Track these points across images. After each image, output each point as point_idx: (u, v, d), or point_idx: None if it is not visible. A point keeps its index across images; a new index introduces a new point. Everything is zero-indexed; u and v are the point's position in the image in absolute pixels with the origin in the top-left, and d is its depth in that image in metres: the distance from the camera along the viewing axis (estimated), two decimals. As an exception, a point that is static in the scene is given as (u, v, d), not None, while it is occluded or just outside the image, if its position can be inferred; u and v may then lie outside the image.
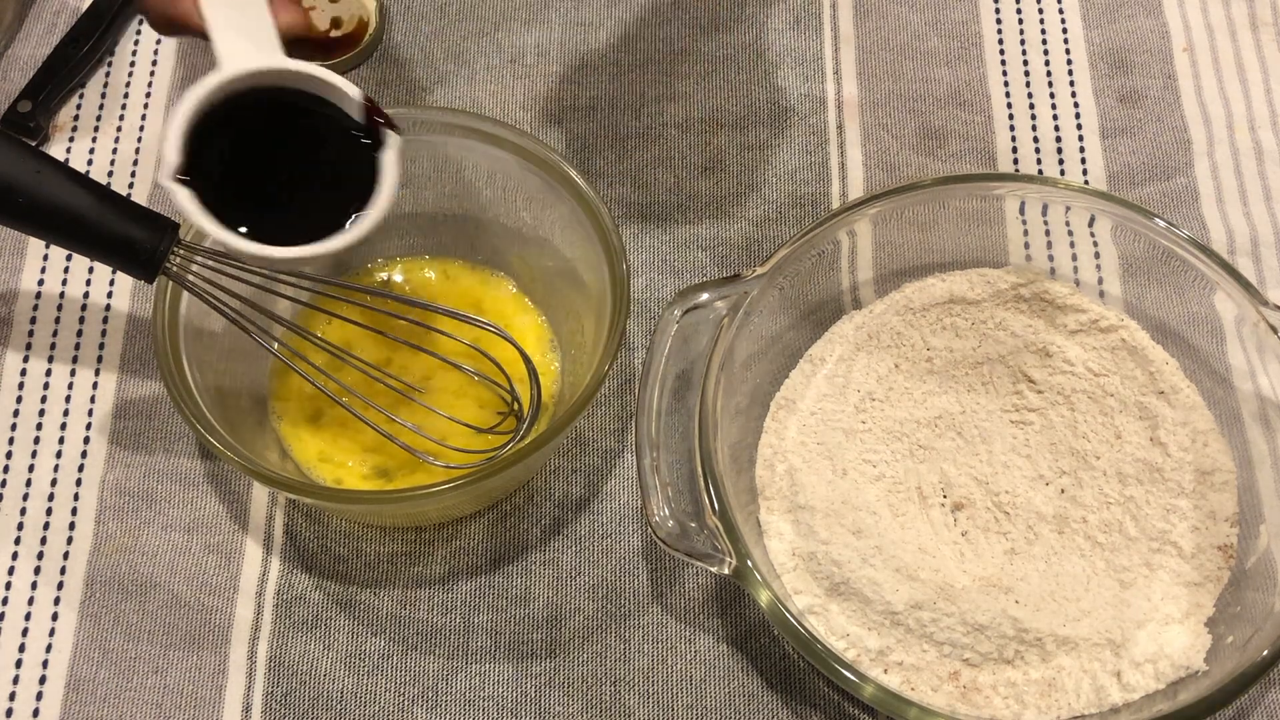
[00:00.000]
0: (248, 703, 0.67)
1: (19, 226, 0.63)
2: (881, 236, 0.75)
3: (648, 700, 0.67)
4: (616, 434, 0.73)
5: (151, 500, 0.71)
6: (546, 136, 0.81)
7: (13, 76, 0.83)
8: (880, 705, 0.61)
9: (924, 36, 0.85)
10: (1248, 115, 0.82)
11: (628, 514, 0.71)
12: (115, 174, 0.81)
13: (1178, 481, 0.68)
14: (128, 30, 0.86)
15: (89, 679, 0.67)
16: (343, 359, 0.69)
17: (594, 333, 0.69)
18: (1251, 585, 0.66)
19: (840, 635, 0.65)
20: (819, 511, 0.67)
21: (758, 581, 0.62)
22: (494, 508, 0.71)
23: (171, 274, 0.65)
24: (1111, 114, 0.83)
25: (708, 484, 0.64)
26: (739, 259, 0.78)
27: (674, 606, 0.69)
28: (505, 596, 0.69)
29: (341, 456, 0.70)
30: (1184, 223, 0.78)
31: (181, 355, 0.66)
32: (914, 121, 0.82)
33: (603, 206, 0.69)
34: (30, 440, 0.73)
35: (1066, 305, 0.73)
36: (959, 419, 0.72)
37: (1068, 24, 0.86)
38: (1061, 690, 0.64)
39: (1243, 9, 0.86)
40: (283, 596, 0.69)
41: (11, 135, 0.65)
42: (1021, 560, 0.68)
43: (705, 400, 0.66)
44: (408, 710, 0.67)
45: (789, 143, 0.81)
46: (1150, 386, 0.71)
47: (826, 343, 0.73)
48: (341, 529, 0.71)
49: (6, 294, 0.77)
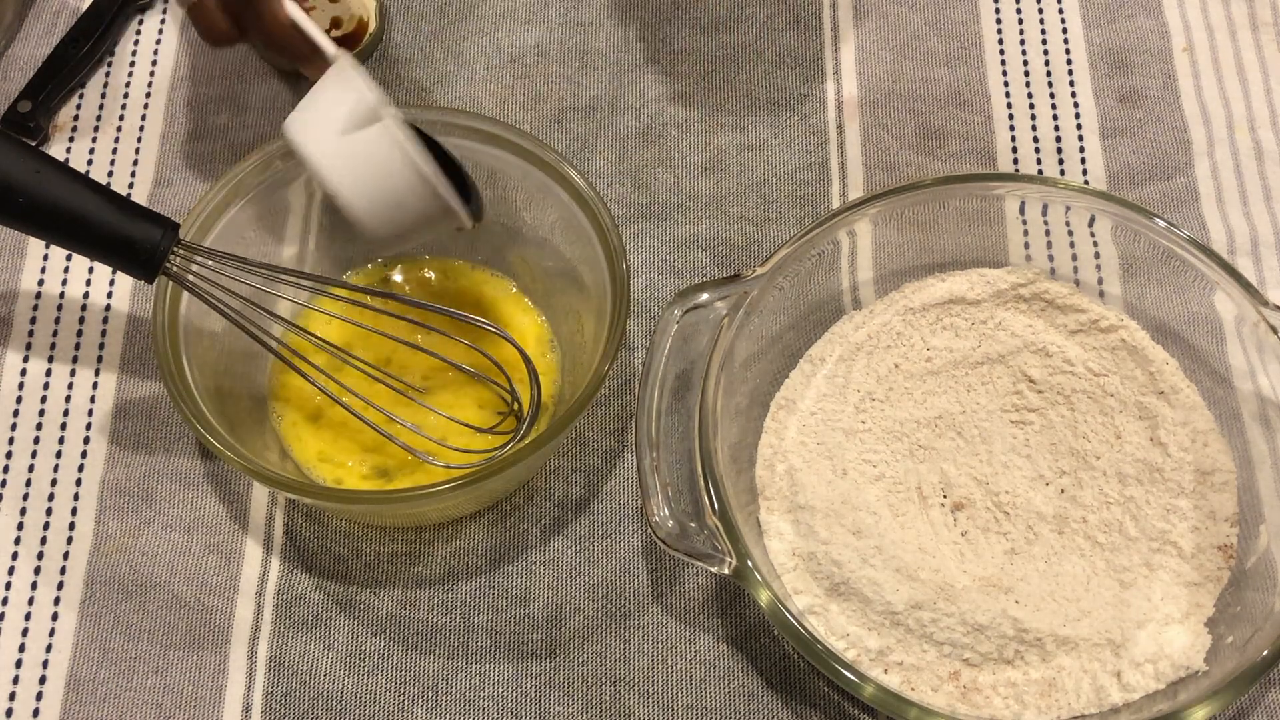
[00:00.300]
0: (248, 703, 0.67)
1: (19, 226, 0.63)
2: (881, 236, 0.75)
3: (648, 700, 0.67)
4: (616, 434, 0.73)
5: (151, 500, 0.71)
6: (546, 136, 0.81)
7: (13, 76, 0.83)
8: (880, 705, 0.61)
9: (924, 36, 0.85)
10: (1248, 115, 0.82)
11: (628, 514, 0.71)
12: (115, 174, 0.81)
13: (1178, 481, 0.68)
14: (128, 30, 0.86)
15: (89, 679, 0.67)
16: (343, 359, 0.69)
17: (594, 333, 0.69)
18: (1251, 585, 0.66)
19: (840, 635, 0.65)
20: (819, 511, 0.67)
21: (758, 581, 0.62)
22: (494, 508, 0.71)
23: (171, 274, 0.65)
24: (1111, 114, 0.82)
25: (708, 484, 0.64)
26: (739, 259, 0.78)
27: (674, 606, 0.69)
28: (505, 596, 0.69)
29: (341, 456, 0.70)
30: (1184, 223, 0.78)
31: (181, 355, 0.66)
32: (914, 121, 0.82)
33: (603, 206, 0.69)
34: (30, 440, 0.73)
35: (1066, 305, 0.73)
36: (959, 419, 0.72)
37: (1068, 24, 0.86)
38: (1061, 690, 0.64)
39: (1243, 9, 0.86)
40: (283, 596, 0.69)
41: (11, 135, 0.65)
42: (1021, 560, 0.68)
43: (705, 400, 0.66)
44: (408, 710, 0.67)
45: (789, 143, 0.81)
46: (1150, 386, 0.71)
47: (826, 343, 0.73)
48: (341, 529, 0.71)
49: (6, 294, 0.77)
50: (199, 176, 0.80)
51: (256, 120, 0.82)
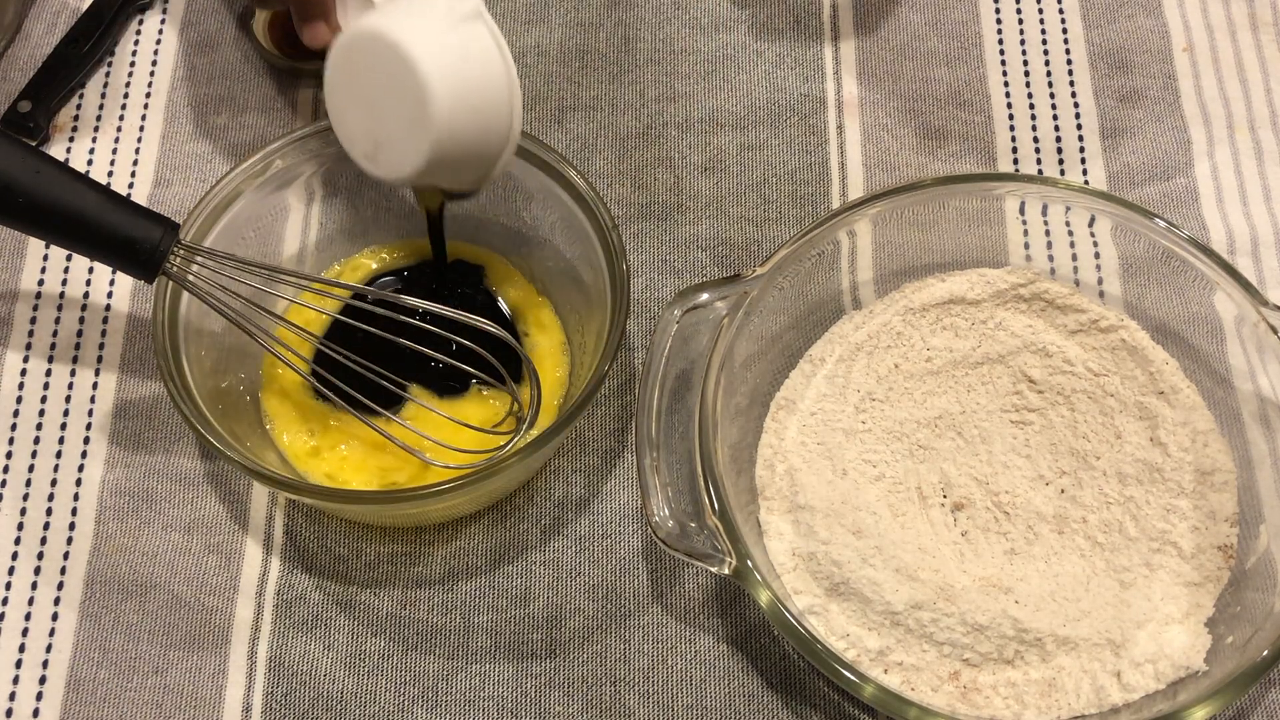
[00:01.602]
0: (248, 703, 0.67)
1: (19, 226, 0.63)
2: (881, 236, 0.75)
3: (648, 700, 0.67)
4: (616, 434, 0.73)
5: (151, 500, 0.71)
6: (546, 136, 0.81)
7: (13, 76, 0.83)
8: (880, 705, 0.61)
9: (924, 36, 0.85)
10: (1248, 115, 0.82)
11: (628, 514, 0.71)
12: (115, 174, 0.81)
13: (1178, 481, 0.68)
14: (128, 30, 0.86)
15: (89, 679, 0.67)
16: (343, 359, 0.69)
17: (594, 333, 0.69)
18: (1251, 585, 0.66)
19: (840, 635, 0.65)
20: (819, 512, 0.67)
21: (758, 581, 0.62)
22: (494, 508, 0.71)
23: (171, 274, 0.65)
24: (1111, 114, 0.82)
25: (708, 484, 0.64)
26: (739, 259, 0.78)
27: (674, 606, 0.69)
28: (505, 596, 0.69)
29: (341, 456, 0.70)
30: (1184, 223, 0.78)
31: (181, 355, 0.66)
32: (914, 121, 0.82)
33: (603, 207, 0.69)
34: (30, 440, 0.73)
35: (1066, 305, 0.73)
36: (959, 419, 0.72)
37: (1068, 24, 0.86)
38: (1061, 690, 0.64)
39: (1243, 9, 0.86)
40: (283, 596, 0.69)
41: (11, 135, 0.65)
42: (1021, 560, 0.68)
43: (705, 400, 0.66)
44: (408, 710, 0.67)
45: (789, 143, 0.81)
46: (1150, 386, 0.71)
47: (826, 343, 0.73)
48: (341, 529, 0.71)
49: (6, 294, 0.77)
50: (199, 176, 0.80)
51: (256, 120, 0.82)
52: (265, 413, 0.71)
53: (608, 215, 0.69)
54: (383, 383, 0.68)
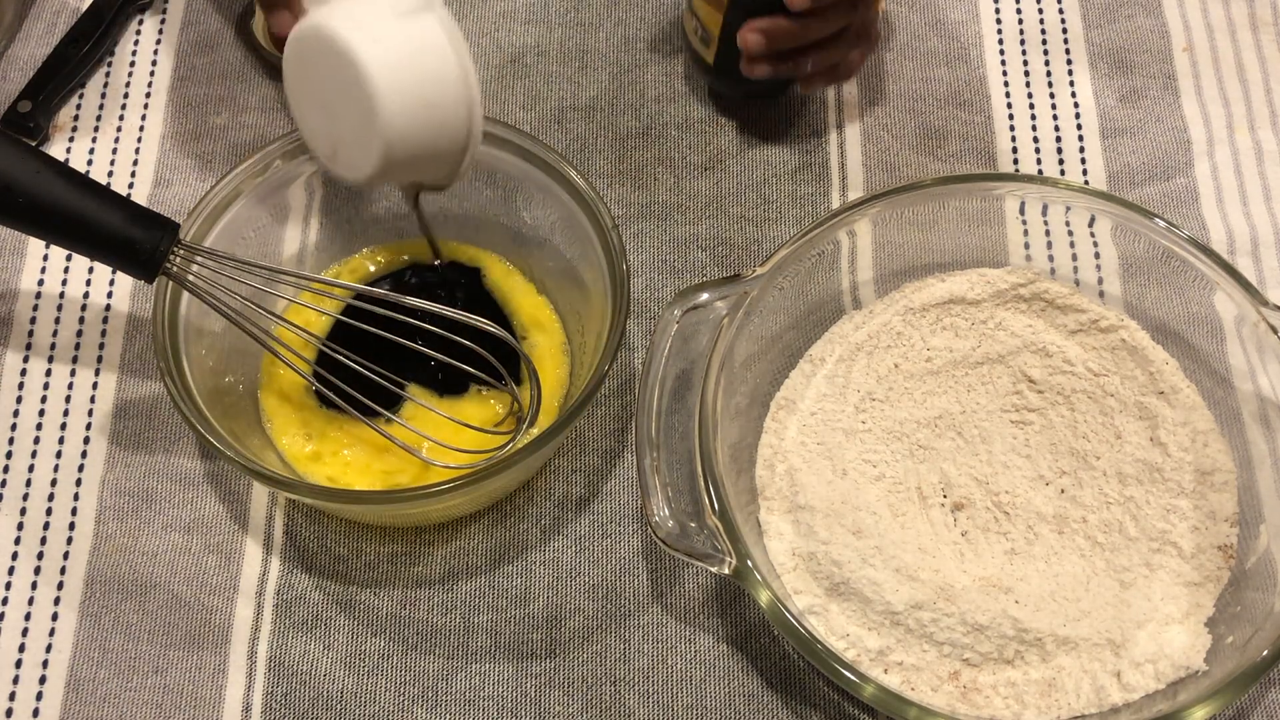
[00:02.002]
0: (248, 703, 0.67)
1: (19, 226, 0.63)
2: (881, 236, 0.75)
3: (648, 700, 0.67)
4: (616, 434, 0.73)
5: (151, 500, 0.71)
6: (546, 136, 0.81)
7: (13, 76, 0.83)
8: (880, 705, 0.61)
9: (924, 36, 0.85)
10: (1248, 115, 0.82)
11: (628, 514, 0.71)
12: (115, 174, 0.81)
13: (1178, 481, 0.68)
14: (128, 30, 0.86)
15: (89, 679, 0.67)
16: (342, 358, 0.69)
17: (594, 333, 0.69)
18: (1251, 585, 0.66)
19: (840, 635, 0.65)
20: (819, 511, 0.67)
21: (758, 581, 0.62)
22: (494, 508, 0.71)
23: (171, 274, 0.65)
24: (1111, 114, 0.83)
25: (708, 484, 0.64)
26: (739, 259, 0.78)
27: (674, 606, 0.69)
28: (505, 596, 0.69)
29: (341, 456, 0.70)
30: (1184, 223, 0.78)
31: (181, 355, 0.66)
32: (914, 121, 0.82)
33: (603, 206, 0.69)
34: (30, 440, 0.73)
35: (1066, 305, 0.73)
36: (959, 419, 0.72)
37: (1068, 24, 0.86)
38: (1061, 690, 0.64)
39: (1243, 9, 0.86)
40: (283, 596, 0.69)
41: (11, 135, 0.65)
42: (1021, 560, 0.68)
43: (705, 400, 0.66)
44: (408, 710, 0.67)
45: (789, 143, 0.81)
46: (1150, 386, 0.71)
47: (826, 343, 0.73)
48: (341, 529, 0.71)
49: (6, 294, 0.77)
50: (199, 176, 0.80)
51: (256, 120, 0.82)
52: (265, 412, 0.71)
53: (608, 215, 0.69)
54: (383, 383, 0.68)
